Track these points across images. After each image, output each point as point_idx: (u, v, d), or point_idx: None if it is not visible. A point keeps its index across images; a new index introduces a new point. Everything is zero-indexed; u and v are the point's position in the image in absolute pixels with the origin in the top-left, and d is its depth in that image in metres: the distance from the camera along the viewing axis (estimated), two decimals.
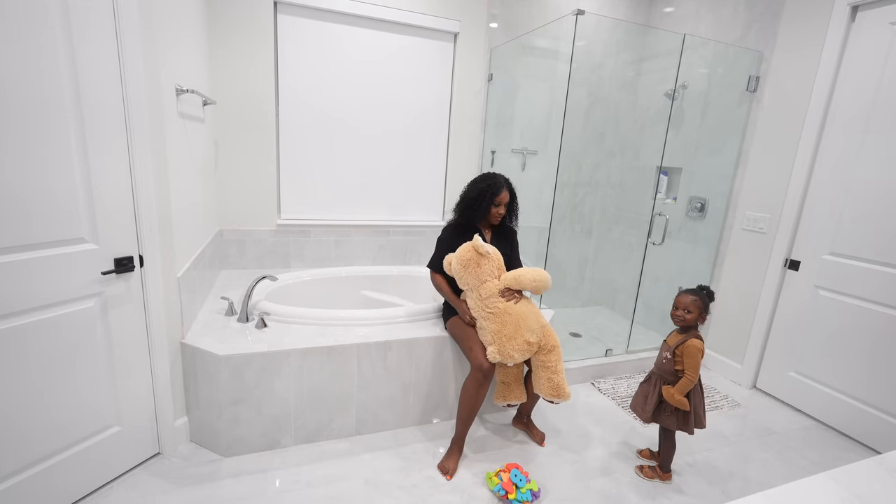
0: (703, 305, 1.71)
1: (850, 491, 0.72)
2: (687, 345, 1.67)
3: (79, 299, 1.44)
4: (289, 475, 1.74)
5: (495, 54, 2.97)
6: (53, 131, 1.30)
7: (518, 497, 1.62)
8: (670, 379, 1.72)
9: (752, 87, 2.60)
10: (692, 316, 1.70)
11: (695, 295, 1.72)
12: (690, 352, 1.66)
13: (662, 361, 1.74)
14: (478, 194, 1.96)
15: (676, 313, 1.73)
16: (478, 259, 1.81)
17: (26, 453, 1.37)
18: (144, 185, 1.55)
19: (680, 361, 1.69)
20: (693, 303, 1.70)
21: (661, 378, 1.76)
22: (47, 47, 1.26)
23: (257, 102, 2.56)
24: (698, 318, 1.71)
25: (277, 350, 1.78)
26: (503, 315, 1.77)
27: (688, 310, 1.71)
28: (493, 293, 1.80)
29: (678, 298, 1.75)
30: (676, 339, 1.74)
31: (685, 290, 1.77)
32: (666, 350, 1.74)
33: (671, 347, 1.72)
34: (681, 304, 1.73)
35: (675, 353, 1.70)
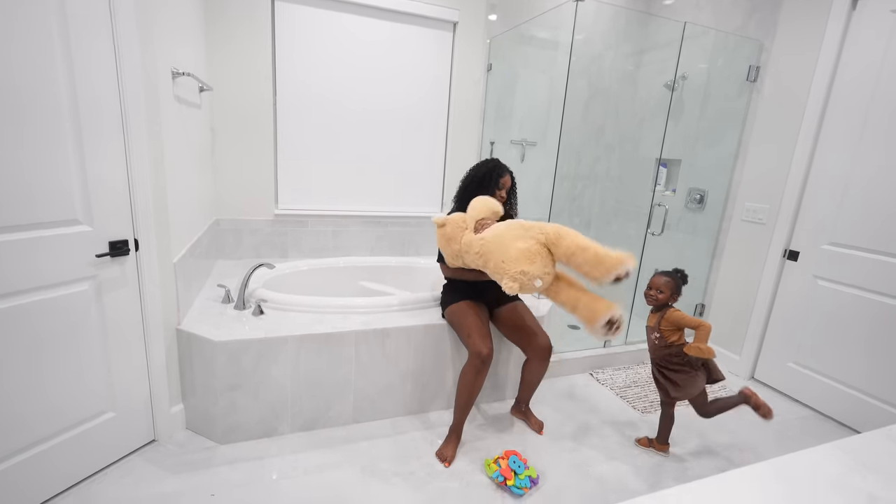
0: (675, 286, 1.77)
1: (856, 460, 0.71)
2: (669, 316, 1.74)
3: (73, 282, 1.42)
4: (286, 462, 1.72)
5: (494, 44, 2.95)
6: (47, 112, 1.28)
7: (517, 483, 1.61)
8: (664, 354, 1.78)
9: (752, 78, 2.59)
10: (664, 296, 1.76)
11: (668, 276, 1.78)
12: (675, 316, 1.73)
13: (654, 344, 1.80)
14: (484, 174, 1.95)
15: (650, 293, 1.79)
16: (445, 232, 1.79)
17: (19, 437, 1.35)
18: (140, 167, 1.53)
19: (671, 332, 1.75)
20: (666, 284, 1.76)
21: (657, 364, 1.81)
22: (40, 26, 1.24)
23: (254, 91, 2.54)
24: (670, 299, 1.77)
25: (274, 336, 1.77)
26: (485, 249, 1.65)
27: (660, 290, 1.77)
28: (472, 239, 1.71)
29: (652, 279, 1.81)
30: (655, 318, 1.80)
31: (660, 271, 1.82)
32: (652, 332, 1.80)
33: (655, 328, 1.78)
34: (654, 284, 1.79)
35: (661, 330, 1.76)
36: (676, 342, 1.74)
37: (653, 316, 1.83)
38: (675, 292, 1.78)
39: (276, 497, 1.55)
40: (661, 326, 1.76)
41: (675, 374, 1.76)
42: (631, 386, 2.46)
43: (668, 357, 1.77)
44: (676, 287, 1.78)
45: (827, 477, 0.70)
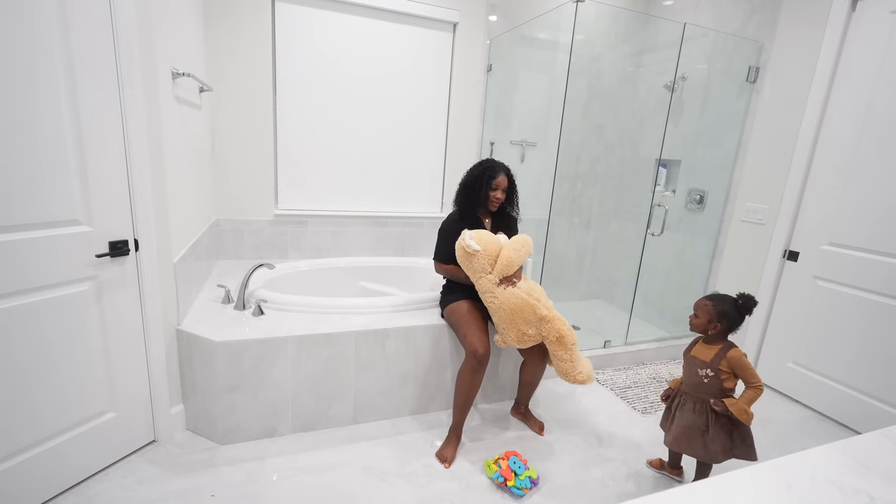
0: (713, 313, 1.53)
1: (856, 460, 0.71)
2: (732, 356, 1.49)
3: (73, 282, 1.42)
4: (286, 462, 1.72)
5: (494, 45, 2.95)
6: (47, 111, 1.28)
7: (517, 484, 1.61)
8: (711, 397, 1.53)
9: (751, 78, 2.60)
10: (698, 321, 1.57)
11: (710, 301, 1.56)
12: (742, 362, 1.48)
13: (703, 381, 1.53)
14: (475, 178, 1.96)
15: (690, 317, 1.61)
16: (468, 255, 1.80)
17: (19, 437, 1.35)
18: (140, 168, 1.53)
19: (728, 375, 1.50)
20: (702, 308, 1.56)
21: (701, 400, 1.55)
22: (39, 21, 1.24)
23: (254, 91, 2.54)
24: (707, 326, 1.55)
25: (275, 337, 1.77)
26: (498, 310, 1.80)
27: (695, 313, 1.58)
28: (489, 289, 1.81)
29: (698, 300, 1.62)
30: (708, 351, 1.55)
31: (711, 294, 1.62)
32: (702, 367, 1.54)
33: (709, 363, 1.52)
34: (694, 306, 1.61)
35: (720, 368, 1.50)
36: (730, 390, 1.52)
37: (704, 347, 1.58)
38: (713, 319, 1.53)
39: (276, 497, 1.55)
40: (718, 366, 1.51)
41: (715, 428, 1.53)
42: (631, 387, 2.47)
43: (708, 403, 1.53)
44: (717, 314, 1.52)
45: (827, 477, 0.70)
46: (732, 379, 1.51)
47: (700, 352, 1.59)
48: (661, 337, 2.95)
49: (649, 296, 3.19)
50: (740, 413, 1.46)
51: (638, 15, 3.28)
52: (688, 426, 1.56)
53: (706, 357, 1.54)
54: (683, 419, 1.58)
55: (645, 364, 2.76)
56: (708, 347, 1.57)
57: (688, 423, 1.57)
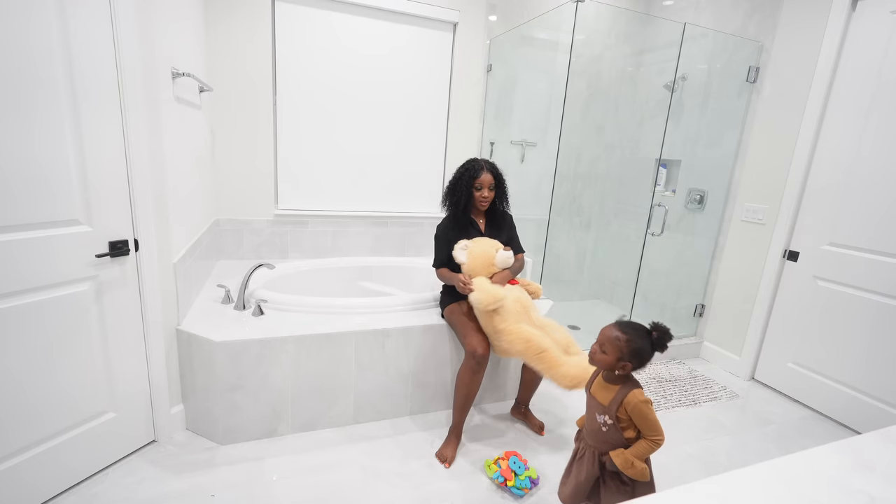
0: (626, 351, 1.20)
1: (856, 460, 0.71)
2: (630, 404, 1.21)
3: (73, 282, 1.42)
4: (286, 462, 1.72)
5: (494, 45, 2.95)
6: (47, 112, 1.28)
7: (517, 484, 1.61)
8: (610, 449, 1.25)
9: (751, 78, 2.60)
10: (605, 357, 1.23)
11: (621, 331, 1.22)
12: (641, 411, 1.19)
13: (601, 429, 1.26)
14: (457, 179, 1.96)
15: (593, 347, 1.26)
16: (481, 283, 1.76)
17: (19, 437, 1.35)
18: (139, 168, 1.53)
19: (627, 424, 1.23)
20: (613, 342, 1.22)
21: (596, 449, 1.29)
22: (39, 22, 1.24)
23: (255, 91, 2.54)
24: (615, 364, 1.22)
25: (274, 337, 1.77)
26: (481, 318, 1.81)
27: (602, 347, 1.24)
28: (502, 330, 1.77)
29: (603, 329, 1.27)
30: (606, 392, 1.26)
31: (618, 321, 1.28)
32: (600, 412, 1.26)
33: (607, 408, 1.24)
34: (600, 335, 1.26)
35: (619, 416, 1.23)
36: (629, 440, 1.24)
37: (603, 385, 1.28)
38: (624, 357, 1.21)
39: (276, 498, 1.55)
40: (616, 413, 1.22)
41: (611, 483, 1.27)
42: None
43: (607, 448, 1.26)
44: (630, 352, 1.20)
45: (827, 477, 0.70)
46: (634, 428, 1.23)
47: (599, 391, 1.29)
48: None
49: (649, 296, 3.19)
50: (625, 466, 1.19)
51: (638, 15, 3.28)
52: (586, 481, 1.30)
53: (604, 399, 1.26)
54: (582, 472, 1.31)
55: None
56: (606, 387, 1.27)
57: (586, 478, 1.30)
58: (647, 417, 1.20)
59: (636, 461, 1.19)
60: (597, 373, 1.34)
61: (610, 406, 1.24)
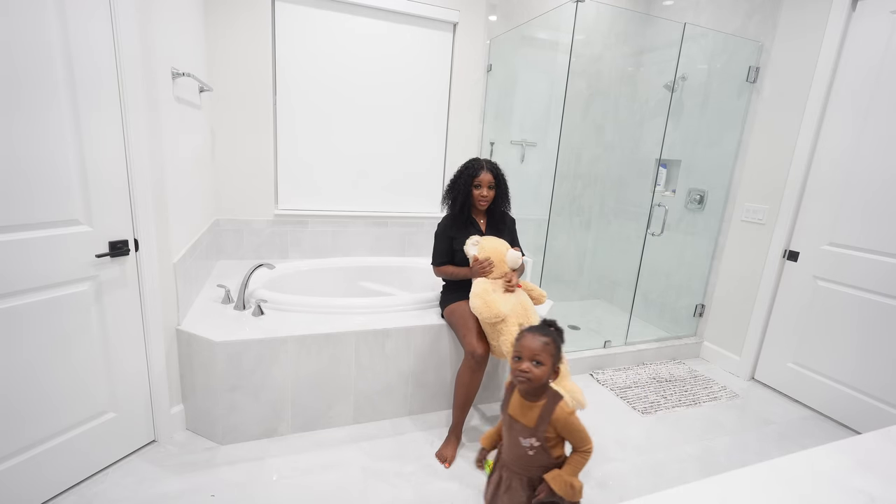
0: (556, 352, 1.13)
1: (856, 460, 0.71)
2: (558, 420, 1.11)
3: (73, 282, 1.42)
4: (286, 462, 1.72)
5: (494, 45, 2.95)
6: (47, 112, 1.28)
7: None
8: (540, 472, 1.15)
9: (751, 78, 2.60)
10: (542, 370, 1.10)
11: (545, 334, 1.14)
12: (570, 424, 1.11)
13: (527, 454, 1.14)
14: (456, 178, 1.97)
15: (521, 368, 1.11)
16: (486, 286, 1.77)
17: (19, 437, 1.35)
18: (139, 168, 1.53)
19: (556, 441, 1.14)
20: (544, 348, 1.11)
21: (523, 476, 1.17)
22: (39, 22, 1.24)
23: (255, 91, 2.54)
24: (551, 373, 1.13)
25: (274, 337, 1.77)
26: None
27: (537, 359, 1.10)
28: None
29: (522, 342, 1.14)
30: (529, 412, 1.14)
31: (529, 327, 1.18)
32: (525, 435, 1.14)
33: (534, 430, 1.12)
34: (527, 349, 1.12)
35: (547, 437, 1.12)
36: (558, 458, 1.15)
37: (523, 404, 1.15)
38: (556, 359, 1.14)
39: (276, 498, 1.55)
40: (546, 432, 1.11)
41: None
42: (631, 387, 2.47)
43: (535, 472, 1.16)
44: (558, 350, 1.15)
45: (827, 477, 0.70)
46: (561, 444, 1.15)
47: (519, 411, 1.16)
48: (661, 337, 2.95)
49: (649, 296, 3.19)
50: (564, 490, 1.10)
51: (638, 15, 3.28)
52: None
53: (528, 420, 1.14)
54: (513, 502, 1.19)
55: (645, 364, 2.76)
56: (528, 406, 1.14)
57: None
58: (576, 429, 1.12)
59: (574, 481, 1.11)
60: (511, 390, 1.19)
61: (537, 427, 1.12)
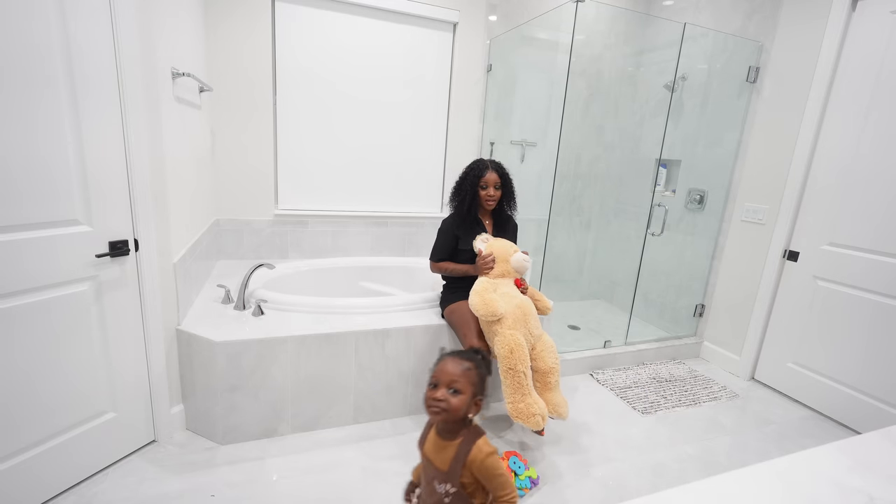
0: (478, 381, 1.00)
1: (856, 460, 0.71)
2: (475, 462, 0.97)
3: (72, 282, 1.42)
4: (286, 462, 1.72)
5: (494, 45, 2.95)
6: (47, 112, 1.28)
7: (517, 484, 1.61)
8: None
9: (751, 78, 2.60)
10: (461, 400, 0.95)
11: (467, 359, 1.00)
12: (489, 467, 0.97)
13: (444, 501, 0.99)
14: (463, 178, 1.99)
15: (435, 399, 0.95)
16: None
17: (20, 437, 1.35)
18: (139, 168, 1.53)
19: (474, 487, 0.99)
20: (465, 374, 0.97)
21: None
22: (39, 22, 1.24)
23: (254, 92, 2.54)
24: (470, 405, 0.98)
25: (274, 337, 1.77)
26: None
27: (455, 386, 0.96)
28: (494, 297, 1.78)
29: (440, 367, 0.99)
30: (443, 453, 0.98)
31: (450, 353, 1.04)
32: (440, 479, 0.99)
33: (448, 474, 0.97)
34: (444, 374, 0.97)
35: (463, 482, 0.97)
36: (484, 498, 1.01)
37: (438, 442, 1.00)
38: (478, 392, 1.00)
39: (276, 498, 1.55)
40: (461, 476, 0.97)
41: None
42: (631, 387, 2.47)
43: None
44: (481, 382, 1.01)
45: (827, 477, 0.70)
46: (483, 492, 1.01)
47: (433, 450, 1.00)
48: (661, 337, 2.95)
49: (649, 296, 3.19)
50: None
51: (638, 15, 3.28)
52: None
53: (442, 462, 0.98)
54: None
55: (645, 364, 2.76)
56: (443, 445, 0.99)
57: None
58: (495, 473, 0.97)
59: None
60: (429, 426, 1.03)
61: (451, 472, 0.96)
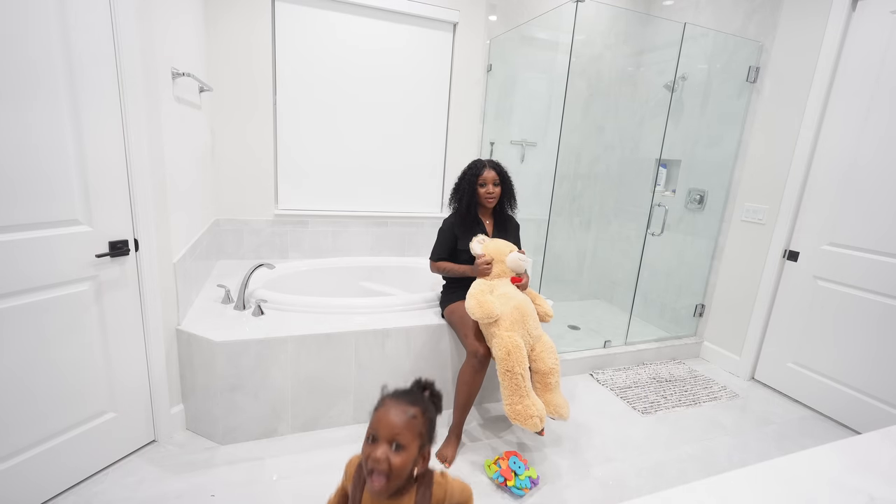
0: (427, 430, 0.86)
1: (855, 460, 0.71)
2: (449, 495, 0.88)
3: (73, 282, 1.42)
4: (286, 462, 1.72)
5: (495, 45, 2.95)
6: (47, 112, 1.28)
7: (517, 484, 1.61)
8: None
9: (751, 78, 2.60)
10: (405, 458, 0.81)
11: (412, 404, 0.85)
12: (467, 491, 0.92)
13: None
14: (461, 178, 2.00)
15: (375, 457, 0.80)
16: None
17: (19, 437, 1.35)
18: (140, 168, 1.53)
19: None
20: (410, 423, 0.82)
21: None
22: (39, 22, 1.24)
23: (254, 91, 2.54)
24: (417, 460, 0.84)
25: (274, 337, 1.77)
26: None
27: (397, 441, 0.81)
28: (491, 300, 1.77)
29: (379, 415, 0.84)
30: None
31: (393, 394, 0.89)
32: None
33: None
34: (384, 426, 0.82)
35: None
36: None
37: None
38: (426, 443, 0.85)
39: (276, 497, 1.55)
40: None
41: None
42: (631, 387, 2.47)
43: None
44: (431, 429, 0.87)
45: (827, 477, 0.70)
46: None
47: None
48: (661, 337, 2.95)
49: (649, 296, 3.19)
50: None
51: (638, 15, 3.28)
52: None
53: None
54: None
55: (645, 364, 2.76)
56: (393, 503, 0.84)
57: None
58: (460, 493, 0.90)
59: None
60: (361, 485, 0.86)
61: None
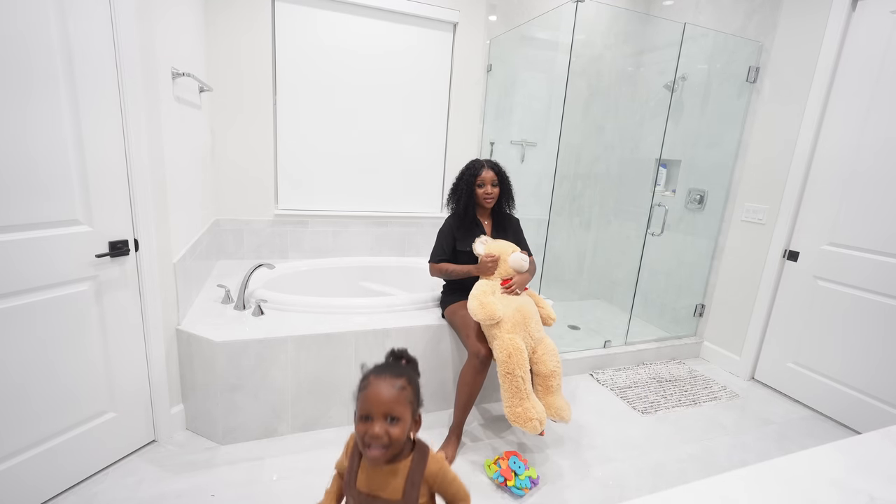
0: (415, 397, 0.90)
1: (856, 460, 0.71)
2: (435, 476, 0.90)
3: (72, 282, 1.42)
4: (286, 462, 1.72)
5: (494, 45, 2.95)
6: (47, 112, 1.28)
7: (517, 484, 1.61)
8: None
9: (751, 78, 2.60)
10: (401, 428, 0.83)
11: (398, 376, 0.87)
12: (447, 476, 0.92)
13: None
14: (459, 179, 2.00)
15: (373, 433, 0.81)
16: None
17: (20, 437, 1.35)
18: (139, 168, 1.53)
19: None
20: (400, 395, 0.85)
21: None
22: (38, 21, 1.24)
23: (254, 91, 2.54)
24: (411, 426, 0.88)
25: (274, 337, 1.77)
26: None
27: (392, 415, 0.83)
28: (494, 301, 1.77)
29: (369, 394, 0.84)
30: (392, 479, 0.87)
31: (376, 369, 0.90)
32: None
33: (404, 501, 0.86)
34: (377, 404, 0.83)
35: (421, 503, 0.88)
36: None
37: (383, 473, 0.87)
38: (418, 407, 0.90)
39: (276, 498, 1.55)
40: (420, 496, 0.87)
41: None
42: (631, 387, 2.47)
43: None
44: (418, 395, 0.91)
45: (827, 477, 0.70)
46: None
47: (377, 483, 0.87)
48: (661, 337, 2.95)
49: (649, 296, 3.19)
50: None
51: (638, 15, 3.28)
52: None
53: (393, 492, 0.86)
54: None
55: (645, 364, 2.76)
56: (388, 470, 0.87)
57: None
58: (454, 480, 0.91)
59: None
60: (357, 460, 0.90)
61: (407, 496, 0.85)
